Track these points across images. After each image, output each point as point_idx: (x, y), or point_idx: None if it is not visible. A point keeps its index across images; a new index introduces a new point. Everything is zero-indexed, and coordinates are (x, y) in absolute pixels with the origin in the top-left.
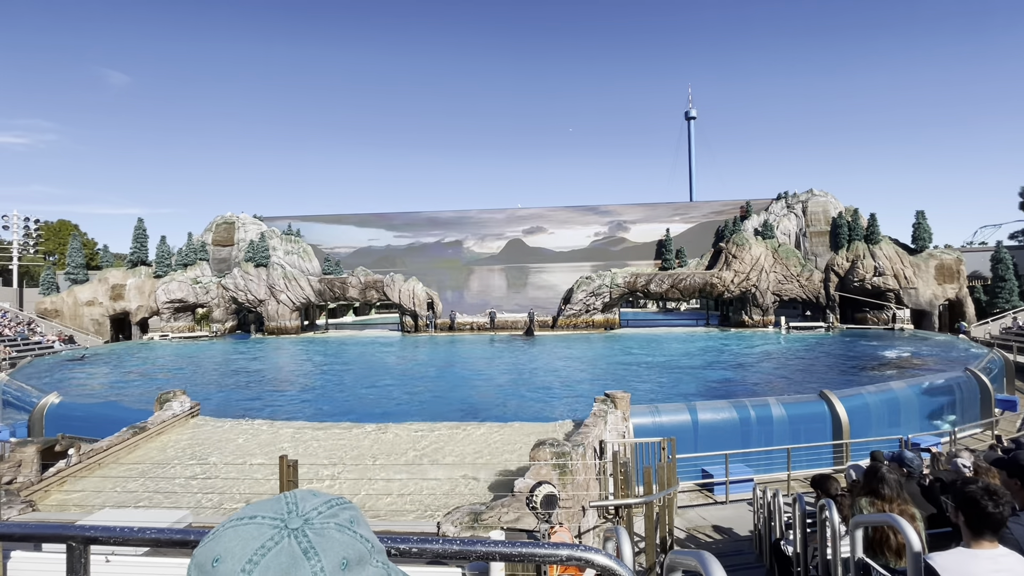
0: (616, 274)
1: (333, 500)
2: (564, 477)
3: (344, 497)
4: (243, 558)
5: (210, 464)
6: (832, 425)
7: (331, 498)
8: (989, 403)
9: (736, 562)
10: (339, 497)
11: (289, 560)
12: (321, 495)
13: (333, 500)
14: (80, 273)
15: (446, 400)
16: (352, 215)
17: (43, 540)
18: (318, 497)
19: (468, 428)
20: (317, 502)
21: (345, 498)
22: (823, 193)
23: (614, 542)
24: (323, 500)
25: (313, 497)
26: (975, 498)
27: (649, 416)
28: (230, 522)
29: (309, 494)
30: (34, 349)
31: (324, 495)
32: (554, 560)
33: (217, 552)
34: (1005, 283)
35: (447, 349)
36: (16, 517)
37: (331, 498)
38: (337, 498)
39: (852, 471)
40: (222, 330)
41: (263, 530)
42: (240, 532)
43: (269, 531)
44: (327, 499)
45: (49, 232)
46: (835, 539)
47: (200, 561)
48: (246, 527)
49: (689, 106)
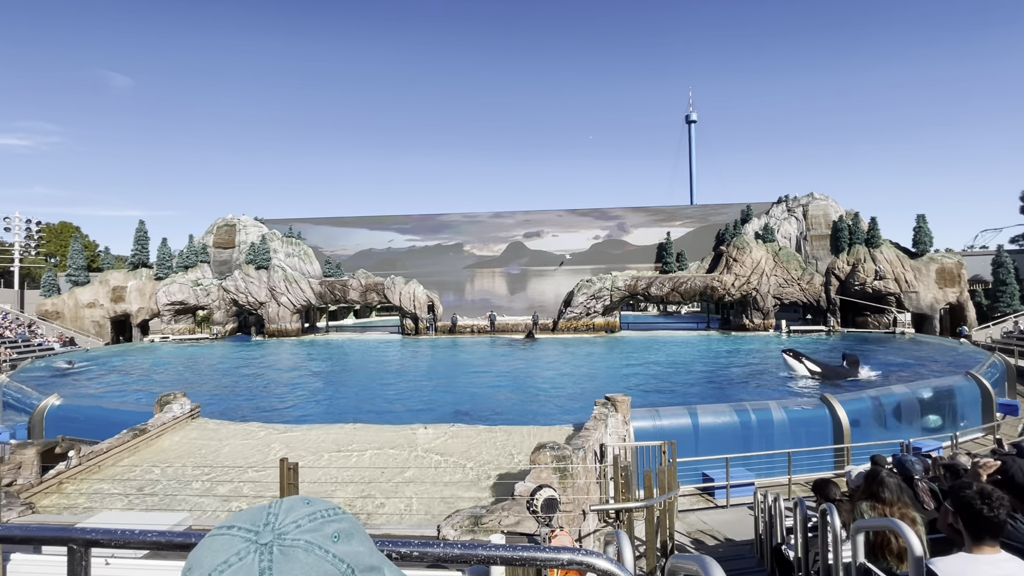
0: (617, 277)
1: (321, 511)
2: (565, 481)
3: (339, 507)
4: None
5: (210, 467)
6: (833, 429)
7: (321, 509)
8: (990, 407)
9: (737, 566)
10: (332, 508)
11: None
12: (314, 503)
13: (321, 511)
14: (81, 275)
15: (446, 402)
16: (353, 218)
17: (43, 543)
18: (309, 506)
19: (468, 431)
20: (302, 514)
21: (340, 508)
22: (824, 197)
23: (615, 546)
24: (310, 511)
25: (303, 506)
26: (970, 502)
27: (650, 419)
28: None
29: (300, 503)
30: (35, 351)
31: (317, 504)
32: (555, 564)
33: (191, 562)
34: (1006, 287)
35: (448, 352)
36: (16, 519)
37: (321, 509)
38: (329, 508)
39: (853, 475)
40: (223, 332)
41: (234, 543)
42: (214, 543)
43: (239, 544)
44: (315, 510)
45: (50, 234)
46: (836, 544)
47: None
48: (221, 538)
49: (690, 109)
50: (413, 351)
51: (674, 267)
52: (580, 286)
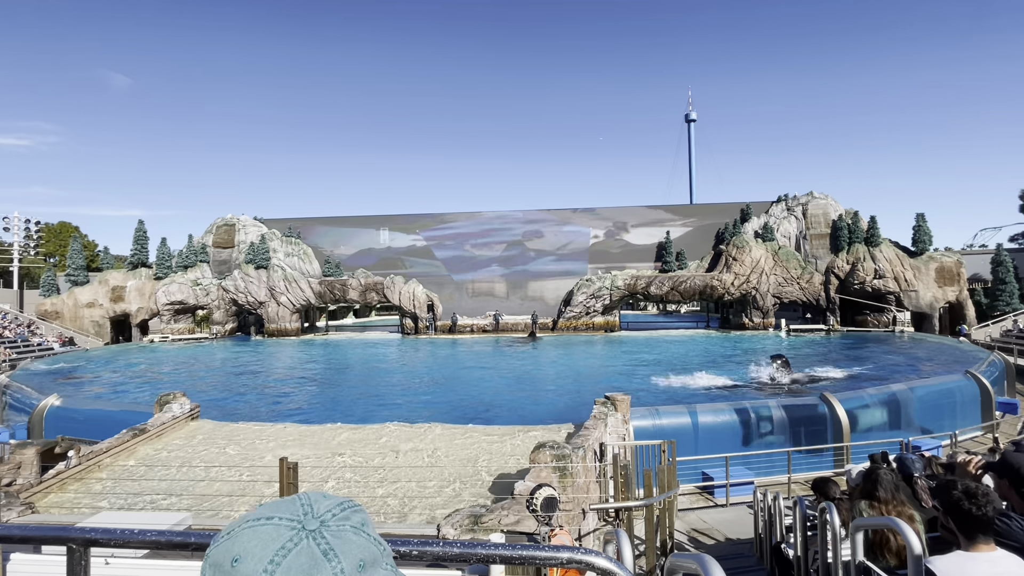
0: (616, 276)
1: (344, 503)
2: (564, 480)
3: (353, 500)
4: (264, 558)
5: (210, 466)
6: (832, 427)
7: (342, 500)
8: (990, 406)
9: (737, 565)
10: (349, 500)
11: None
12: (332, 498)
13: (344, 503)
14: (80, 275)
15: (446, 402)
16: (352, 217)
17: (43, 542)
18: (330, 499)
19: (468, 430)
20: (330, 504)
21: (354, 501)
22: (823, 196)
23: (614, 545)
24: (335, 503)
25: (325, 499)
26: (956, 503)
27: (649, 418)
28: (246, 522)
29: (321, 496)
30: (34, 351)
31: (335, 498)
32: (555, 563)
33: (236, 552)
34: (1005, 286)
35: (448, 351)
36: (15, 519)
37: (342, 500)
38: (347, 500)
39: (853, 474)
40: (222, 332)
41: (281, 531)
42: (259, 532)
43: (287, 532)
44: (339, 501)
45: (50, 234)
46: (836, 542)
47: (217, 560)
48: (264, 527)
49: (689, 108)
50: (413, 350)
51: (673, 266)
52: (580, 285)
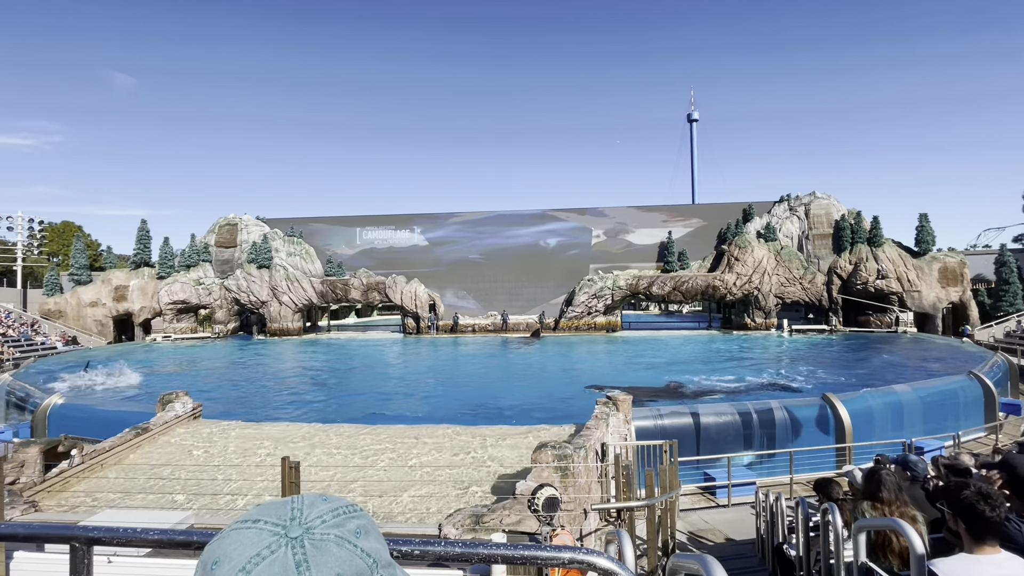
0: (618, 276)
1: (342, 508)
2: (566, 480)
3: (355, 504)
4: (237, 565)
5: (212, 465)
6: (835, 428)
7: (341, 505)
8: (993, 407)
9: (739, 566)
10: (351, 505)
11: (281, 571)
12: (332, 501)
13: (342, 508)
14: (83, 274)
15: (447, 402)
16: (354, 217)
17: (46, 541)
18: (328, 503)
19: (469, 430)
20: (324, 509)
21: (357, 505)
22: (826, 196)
23: (616, 545)
24: (331, 507)
25: (322, 503)
26: (971, 504)
27: (651, 419)
28: (237, 524)
29: (319, 499)
30: (37, 350)
31: (335, 501)
32: (556, 563)
33: (218, 555)
34: (1009, 286)
35: (449, 351)
36: (19, 517)
37: (341, 505)
38: (348, 505)
39: (854, 475)
40: (224, 331)
41: (263, 536)
42: (241, 536)
43: (268, 538)
44: (336, 506)
45: (53, 233)
46: (838, 543)
47: (203, 561)
48: (248, 531)
49: (691, 108)
50: (414, 350)
51: (676, 266)
52: (582, 285)
